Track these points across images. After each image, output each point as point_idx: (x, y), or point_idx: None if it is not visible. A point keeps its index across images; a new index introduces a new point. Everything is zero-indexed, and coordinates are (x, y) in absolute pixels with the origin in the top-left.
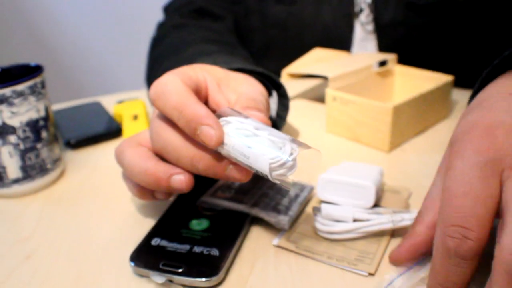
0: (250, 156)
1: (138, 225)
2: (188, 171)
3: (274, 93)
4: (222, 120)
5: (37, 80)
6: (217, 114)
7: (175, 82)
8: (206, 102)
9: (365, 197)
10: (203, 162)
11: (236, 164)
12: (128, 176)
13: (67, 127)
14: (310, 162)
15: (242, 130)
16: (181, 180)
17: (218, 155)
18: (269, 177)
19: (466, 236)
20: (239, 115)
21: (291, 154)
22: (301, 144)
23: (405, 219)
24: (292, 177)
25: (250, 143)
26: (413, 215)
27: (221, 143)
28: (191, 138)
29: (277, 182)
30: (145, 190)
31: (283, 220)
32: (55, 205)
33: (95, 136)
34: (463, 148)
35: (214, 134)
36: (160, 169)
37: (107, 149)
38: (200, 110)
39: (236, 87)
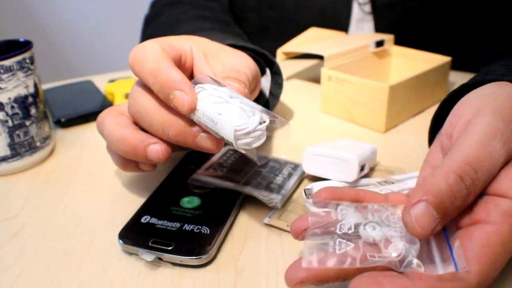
0: (218, 122)
1: (128, 203)
2: (165, 142)
3: (268, 71)
4: (198, 86)
5: (26, 55)
6: (194, 80)
7: (153, 48)
8: (191, 72)
9: (348, 170)
10: (174, 128)
11: (207, 132)
12: (108, 144)
13: (58, 106)
14: (280, 134)
15: (214, 96)
16: (157, 150)
17: (190, 122)
18: (234, 145)
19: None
20: (216, 84)
21: (260, 124)
22: (272, 116)
23: (393, 191)
24: (284, 156)
25: (220, 109)
26: (401, 186)
27: (194, 109)
28: (165, 104)
29: (242, 151)
30: (128, 161)
31: (276, 198)
32: (44, 183)
33: (86, 114)
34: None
35: (186, 99)
36: (137, 138)
37: None
38: (175, 75)
39: (224, 59)
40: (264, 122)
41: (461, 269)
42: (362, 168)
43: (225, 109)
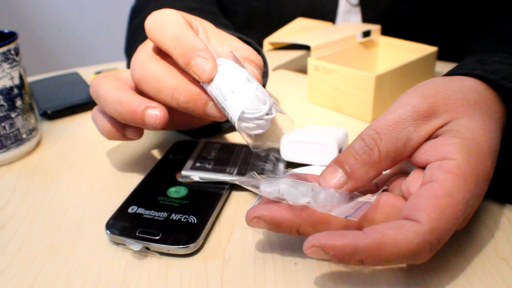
0: (228, 99)
1: (115, 194)
2: (164, 106)
3: None
4: (220, 60)
5: (11, 46)
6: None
7: (175, 14)
8: None
9: (327, 154)
10: (185, 95)
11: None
12: (102, 108)
13: (44, 98)
14: (282, 129)
15: (234, 75)
16: (156, 116)
17: (200, 90)
18: (235, 125)
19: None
20: (238, 63)
21: (267, 114)
22: (280, 110)
23: None
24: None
25: (235, 88)
26: None
27: (212, 78)
28: (175, 71)
29: (242, 133)
30: (116, 128)
31: None
32: (30, 175)
33: (72, 106)
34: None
35: (208, 68)
36: (135, 101)
37: (85, 119)
38: (199, 43)
39: (230, 43)
40: (271, 114)
41: (350, 217)
42: (340, 151)
43: (240, 89)
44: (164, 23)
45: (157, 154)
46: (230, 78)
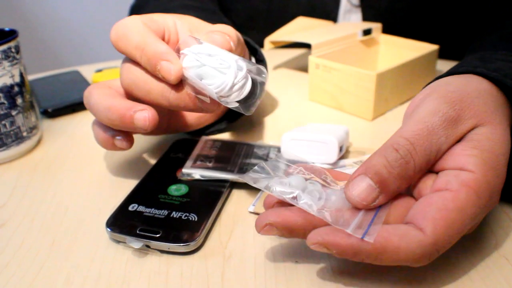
0: (203, 87)
1: (115, 192)
2: (154, 107)
3: (252, 59)
4: (181, 53)
5: (11, 44)
6: (177, 47)
7: (135, 23)
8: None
9: (328, 152)
10: (174, 92)
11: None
12: (94, 116)
13: (44, 96)
14: (259, 79)
15: (194, 61)
16: (144, 117)
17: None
18: (226, 104)
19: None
20: (198, 42)
21: (236, 76)
22: (248, 63)
23: None
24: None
25: (200, 74)
26: None
27: (180, 77)
28: None
29: (234, 107)
30: (106, 137)
31: None
32: (31, 173)
33: (73, 104)
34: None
35: (172, 69)
36: (124, 105)
37: (85, 118)
38: (160, 46)
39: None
40: (240, 72)
41: (366, 238)
42: (340, 149)
43: (203, 73)
44: (126, 34)
45: (157, 152)
46: (193, 66)
